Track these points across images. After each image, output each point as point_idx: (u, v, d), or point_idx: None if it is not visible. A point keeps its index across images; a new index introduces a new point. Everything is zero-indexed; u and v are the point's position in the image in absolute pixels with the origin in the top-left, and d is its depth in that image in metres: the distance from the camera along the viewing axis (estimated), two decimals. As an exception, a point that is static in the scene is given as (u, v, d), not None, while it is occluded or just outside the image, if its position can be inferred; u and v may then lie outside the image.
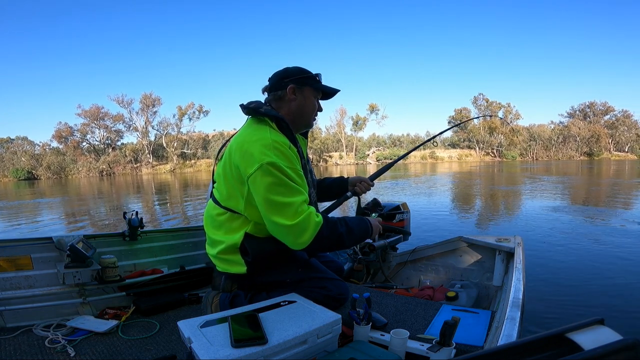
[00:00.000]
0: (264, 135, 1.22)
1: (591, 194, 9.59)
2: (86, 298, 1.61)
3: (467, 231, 4.93)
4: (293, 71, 1.38)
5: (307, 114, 1.40)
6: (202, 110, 46.60)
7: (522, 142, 51.24)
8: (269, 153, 1.17)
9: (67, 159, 40.68)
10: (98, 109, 43.12)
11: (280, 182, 1.16)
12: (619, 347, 0.43)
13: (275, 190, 1.16)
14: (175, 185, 19.23)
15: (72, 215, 8.67)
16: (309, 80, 1.37)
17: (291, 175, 1.19)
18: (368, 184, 1.67)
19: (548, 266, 3.21)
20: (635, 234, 4.48)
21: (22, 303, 1.49)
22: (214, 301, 1.38)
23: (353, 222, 1.33)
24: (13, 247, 1.54)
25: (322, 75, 1.43)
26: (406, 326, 1.30)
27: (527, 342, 0.49)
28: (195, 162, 45.73)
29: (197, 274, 1.88)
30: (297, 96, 1.36)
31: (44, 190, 19.68)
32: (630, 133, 51.60)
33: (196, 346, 0.91)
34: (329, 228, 1.24)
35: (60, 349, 1.26)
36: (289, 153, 1.22)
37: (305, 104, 1.38)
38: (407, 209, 2.46)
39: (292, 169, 1.21)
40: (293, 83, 1.35)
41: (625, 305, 2.36)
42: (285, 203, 1.16)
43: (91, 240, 1.68)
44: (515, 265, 1.47)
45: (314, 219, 1.19)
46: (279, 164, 1.16)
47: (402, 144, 57.56)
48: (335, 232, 1.25)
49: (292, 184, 1.19)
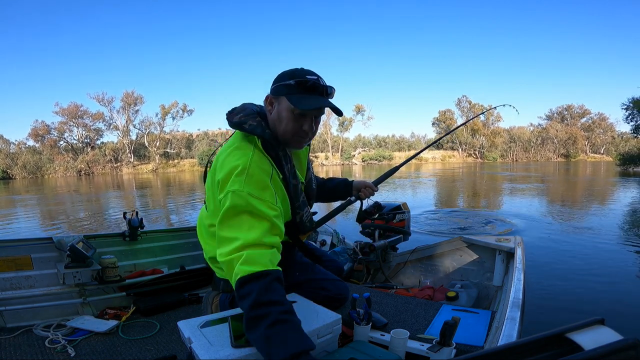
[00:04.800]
0: (243, 159, 1.05)
1: (584, 193, 9.62)
2: (86, 298, 1.61)
3: (466, 231, 4.93)
4: (279, 76, 1.15)
5: (282, 131, 1.13)
6: (186, 109, 45.35)
7: (502, 144, 52.50)
8: (238, 180, 1.01)
9: (44, 158, 39.69)
10: (77, 107, 42.06)
11: (234, 213, 0.99)
12: (619, 347, 0.43)
13: (226, 220, 1.00)
14: (157, 184, 18.95)
15: (49, 216, 8.49)
16: (283, 88, 1.10)
17: (255, 207, 1.00)
18: (372, 189, 1.61)
19: (548, 266, 3.21)
20: (634, 233, 4.48)
21: (22, 303, 1.49)
22: (214, 301, 1.38)
23: (276, 331, 0.84)
24: (13, 247, 1.54)
25: (319, 79, 1.11)
26: (406, 326, 1.30)
27: (528, 342, 0.49)
28: (179, 162, 44.84)
29: (197, 274, 1.87)
30: (274, 107, 1.14)
31: (18, 189, 19.53)
32: (605, 135, 52.68)
33: (196, 346, 0.91)
34: (244, 295, 0.89)
35: (60, 349, 1.26)
36: (262, 181, 1.04)
37: (280, 117, 1.12)
38: (407, 209, 2.46)
39: (260, 200, 1.01)
40: (271, 91, 1.14)
41: (625, 305, 2.36)
42: (225, 237, 0.99)
43: (91, 241, 1.69)
44: (515, 266, 1.47)
45: (238, 269, 0.91)
46: (243, 192, 1.00)
47: (388, 145, 57.75)
48: (245, 304, 0.88)
49: (248, 217, 0.99)
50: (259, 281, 0.90)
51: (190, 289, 1.83)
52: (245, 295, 0.89)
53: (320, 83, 1.10)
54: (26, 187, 21.24)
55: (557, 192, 10.29)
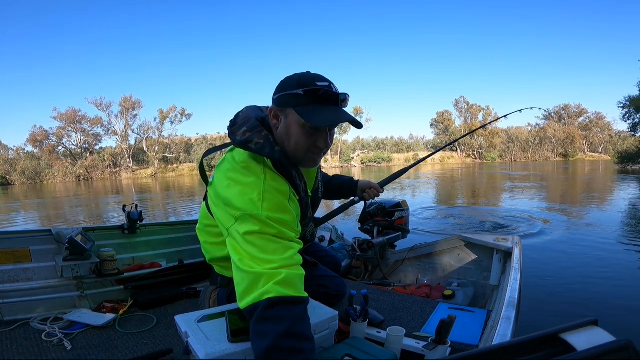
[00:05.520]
0: (257, 182, 0.95)
1: (584, 193, 9.63)
2: (84, 291, 1.61)
3: (465, 230, 4.94)
4: (282, 83, 1.01)
5: (293, 149, 1.01)
6: (185, 113, 45.74)
7: (500, 144, 52.68)
8: (256, 205, 0.92)
9: (43, 164, 39.86)
10: (75, 112, 42.27)
11: (260, 237, 0.90)
12: (611, 348, 0.43)
13: (251, 242, 0.90)
14: (157, 189, 18.79)
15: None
16: (290, 99, 0.96)
17: (276, 230, 0.91)
18: (377, 190, 1.59)
19: (545, 266, 3.22)
20: (630, 234, 4.49)
21: (19, 296, 1.49)
22: (212, 296, 1.38)
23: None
24: (12, 239, 1.54)
25: (331, 86, 0.97)
26: (403, 324, 1.31)
27: (521, 341, 0.49)
28: (178, 167, 44.98)
29: (195, 268, 1.88)
30: (280, 121, 1.01)
31: (18, 195, 19.48)
32: (603, 134, 52.87)
33: (193, 341, 0.92)
34: (272, 318, 0.80)
35: (57, 343, 1.26)
36: (281, 203, 0.95)
37: (289, 133, 0.99)
38: (406, 207, 2.47)
39: (283, 223, 0.93)
40: (275, 102, 1.00)
41: (619, 306, 2.37)
42: (253, 255, 0.89)
43: (90, 233, 1.68)
44: (512, 265, 1.47)
45: (272, 288, 0.82)
46: (263, 216, 0.90)
47: (386, 147, 57.75)
48: (274, 328, 0.79)
49: (276, 239, 0.90)
50: (293, 307, 0.83)
51: (188, 283, 1.83)
52: (275, 318, 0.80)
53: (333, 91, 0.97)
54: (25, 193, 21.23)
55: (557, 191, 10.30)
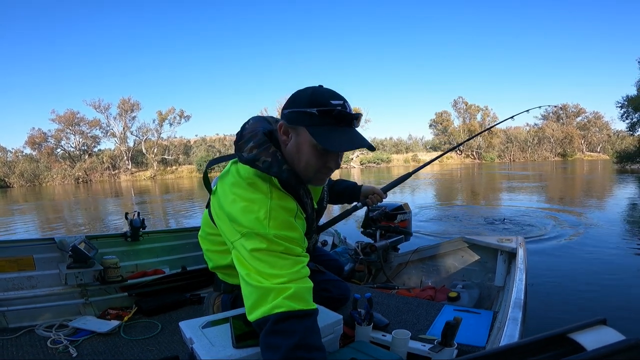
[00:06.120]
0: (264, 201, 0.93)
1: (586, 192, 9.60)
2: (88, 298, 1.61)
3: (467, 231, 4.93)
4: (294, 97, 0.98)
5: (303, 168, 0.98)
6: (183, 115, 44.70)
7: (499, 144, 52.56)
8: (263, 223, 0.90)
9: (41, 166, 39.55)
10: (73, 114, 41.73)
11: (267, 254, 0.89)
12: (622, 347, 0.43)
13: (259, 259, 0.88)
14: (156, 191, 18.71)
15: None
16: (302, 117, 0.93)
17: (284, 247, 0.90)
18: (380, 196, 1.57)
19: (550, 266, 3.20)
20: (634, 233, 4.47)
21: (24, 304, 1.50)
22: (216, 302, 1.38)
23: None
24: (15, 247, 1.54)
25: (345, 104, 0.93)
26: (408, 326, 1.30)
27: (529, 342, 0.48)
28: (177, 168, 44.48)
29: (198, 275, 1.88)
30: (290, 137, 0.98)
31: (16, 198, 19.50)
32: (601, 134, 52.59)
33: (198, 347, 0.91)
34: (283, 331, 0.81)
35: (62, 350, 1.27)
36: (288, 221, 0.94)
37: (299, 151, 0.97)
38: (408, 210, 2.46)
39: (288, 239, 0.91)
40: (285, 117, 0.97)
41: (627, 305, 2.35)
42: (260, 271, 0.88)
43: (93, 241, 1.69)
44: (517, 266, 1.47)
45: (281, 302, 0.82)
46: (270, 235, 0.89)
47: (385, 148, 57.50)
48: (286, 341, 0.80)
49: (284, 255, 0.89)
50: (304, 320, 0.84)
51: (192, 290, 1.83)
52: (286, 331, 0.81)
53: (347, 111, 0.94)
54: (24, 195, 21.26)
55: (557, 190, 10.27)
